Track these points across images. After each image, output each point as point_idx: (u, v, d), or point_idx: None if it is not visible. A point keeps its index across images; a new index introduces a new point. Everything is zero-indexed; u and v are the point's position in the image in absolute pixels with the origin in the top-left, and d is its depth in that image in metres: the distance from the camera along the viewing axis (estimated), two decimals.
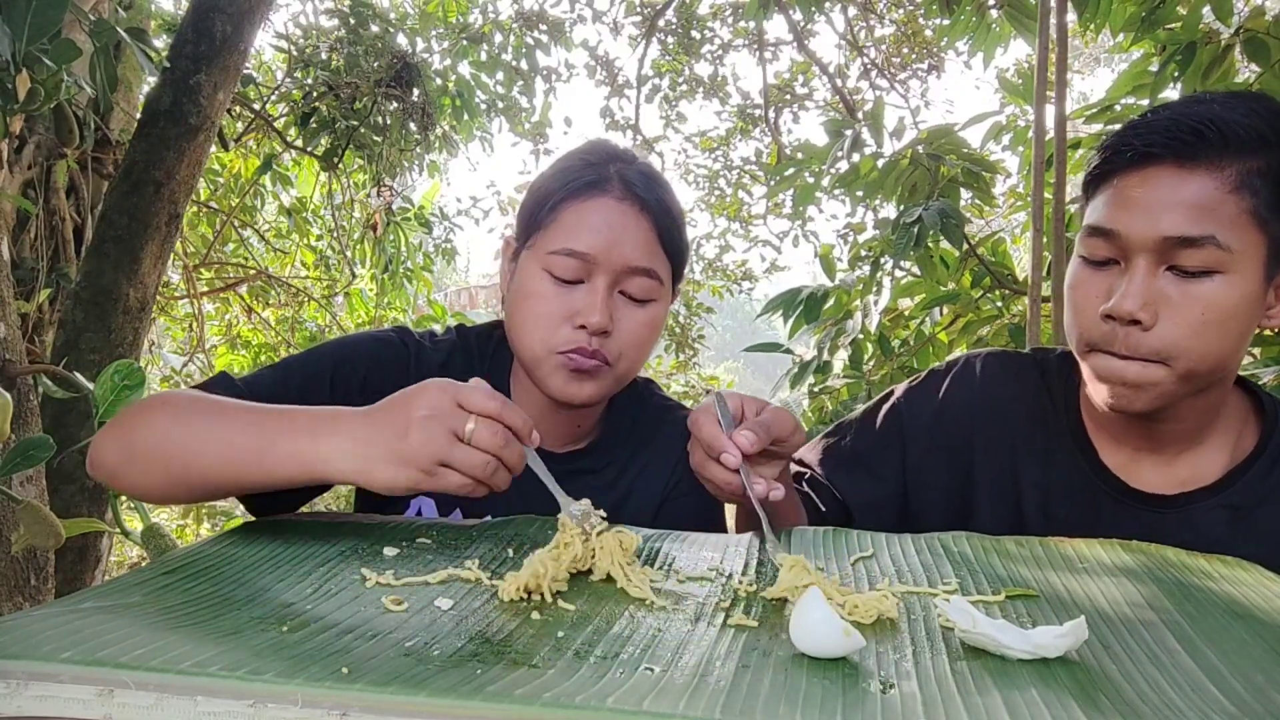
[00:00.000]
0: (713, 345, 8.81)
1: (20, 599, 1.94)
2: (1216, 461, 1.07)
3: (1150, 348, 0.96)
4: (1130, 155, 0.97)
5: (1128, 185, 0.98)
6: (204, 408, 0.95)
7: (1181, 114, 0.96)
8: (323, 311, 5.41)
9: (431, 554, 0.87)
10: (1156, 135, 0.96)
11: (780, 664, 0.62)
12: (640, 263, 1.08)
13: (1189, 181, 0.94)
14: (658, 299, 1.12)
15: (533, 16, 5.39)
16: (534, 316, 1.08)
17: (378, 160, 4.35)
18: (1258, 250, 0.95)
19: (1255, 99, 0.99)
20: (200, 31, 2.70)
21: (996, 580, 0.83)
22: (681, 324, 7.06)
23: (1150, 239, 0.95)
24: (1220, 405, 1.06)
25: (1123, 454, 1.10)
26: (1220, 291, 0.95)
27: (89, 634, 0.60)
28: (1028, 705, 0.56)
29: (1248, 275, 0.95)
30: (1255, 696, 0.59)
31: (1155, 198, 0.95)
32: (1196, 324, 0.95)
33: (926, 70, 6.79)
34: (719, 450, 0.91)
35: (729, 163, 7.58)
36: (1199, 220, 0.93)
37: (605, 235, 1.06)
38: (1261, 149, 0.94)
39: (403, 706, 0.53)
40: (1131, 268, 0.97)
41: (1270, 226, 0.95)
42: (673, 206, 1.12)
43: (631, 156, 1.15)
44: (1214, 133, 0.94)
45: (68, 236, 3.18)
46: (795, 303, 2.60)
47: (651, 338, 1.13)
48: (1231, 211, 0.93)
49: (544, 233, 1.10)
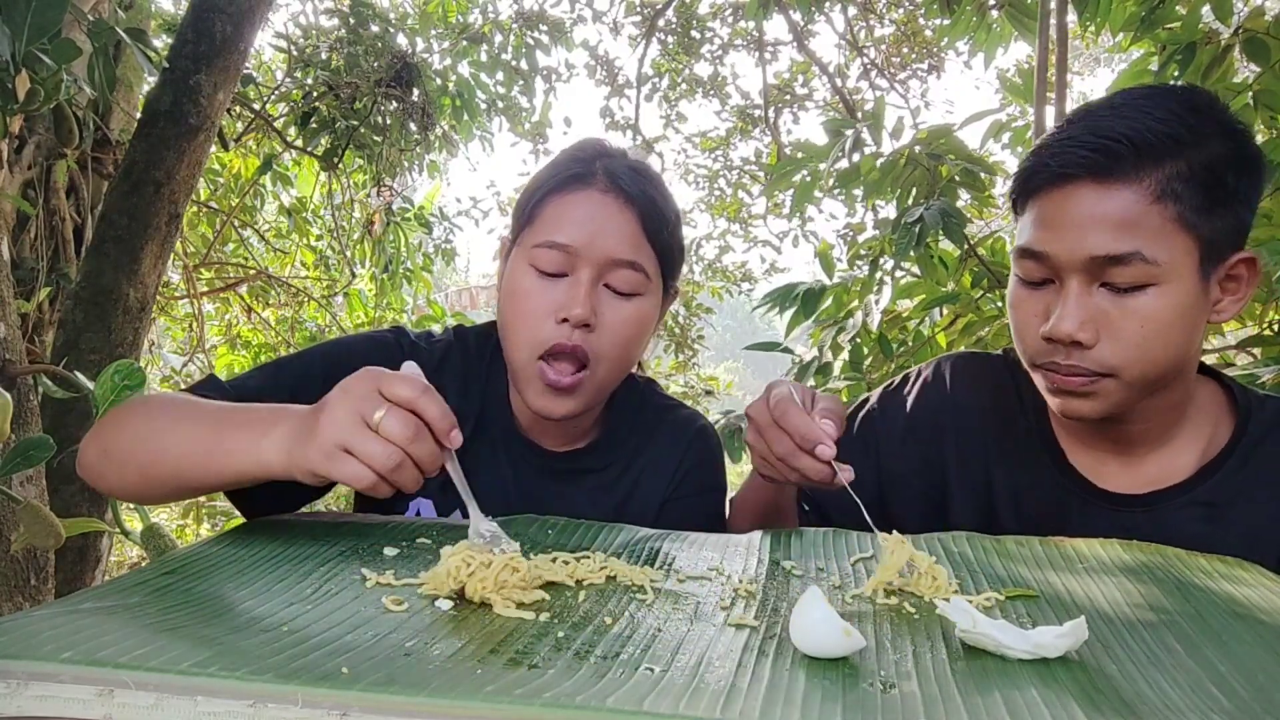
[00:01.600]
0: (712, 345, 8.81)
1: (20, 599, 1.94)
2: (1187, 458, 1.06)
3: (1095, 364, 0.96)
4: (1046, 178, 0.96)
5: (1049, 205, 0.96)
6: (173, 408, 0.95)
7: (1095, 128, 0.94)
8: (322, 311, 5.41)
9: (431, 554, 0.87)
10: (1070, 155, 0.94)
11: (780, 664, 0.62)
12: (623, 255, 1.06)
13: (1109, 198, 0.92)
14: (644, 294, 1.09)
15: (533, 16, 5.39)
16: (518, 314, 1.08)
17: (378, 160, 4.35)
18: (1189, 255, 0.93)
19: (1170, 96, 0.96)
20: (200, 31, 2.70)
21: (996, 580, 0.83)
22: (681, 324, 7.05)
23: (1078, 259, 0.94)
24: (1184, 403, 1.05)
25: (1090, 455, 1.09)
26: (1156, 304, 0.93)
27: (89, 634, 0.60)
28: (1028, 705, 0.56)
29: (1182, 282, 0.93)
30: (1256, 696, 0.59)
31: (1077, 217, 0.94)
32: (1137, 338, 0.94)
33: (926, 70, 6.79)
34: (815, 441, 0.91)
35: (729, 163, 7.58)
36: (1123, 236, 0.92)
37: (587, 227, 1.06)
38: (1178, 151, 0.92)
39: (403, 706, 0.53)
40: (1066, 288, 0.96)
41: (1199, 228, 0.93)
42: (660, 202, 1.10)
43: (621, 153, 1.14)
44: (1127, 146, 0.92)
45: (68, 236, 3.18)
46: (792, 297, 2.60)
47: (637, 335, 1.10)
48: (1156, 223, 0.92)
49: (530, 228, 1.09)
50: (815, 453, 0.91)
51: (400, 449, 0.78)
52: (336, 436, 0.79)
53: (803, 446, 0.92)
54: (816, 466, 0.92)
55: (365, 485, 0.79)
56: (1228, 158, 0.94)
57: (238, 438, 0.87)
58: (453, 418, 0.82)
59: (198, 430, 0.90)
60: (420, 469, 0.81)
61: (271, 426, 0.86)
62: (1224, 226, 0.94)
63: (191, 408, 0.94)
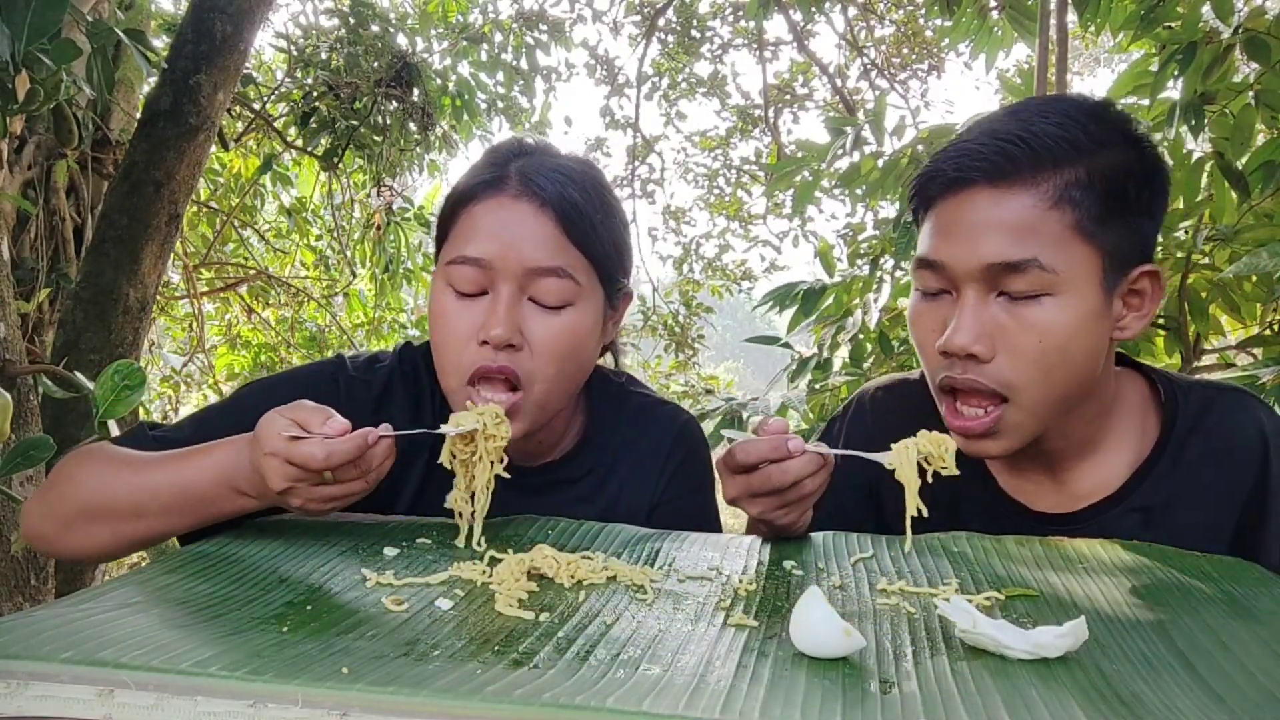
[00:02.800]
0: (712, 345, 8.80)
1: (20, 599, 1.94)
2: (1118, 465, 1.02)
3: (992, 380, 0.92)
4: (943, 183, 0.94)
5: (946, 212, 0.94)
6: (118, 465, 0.96)
7: (992, 132, 0.92)
8: (322, 311, 5.41)
9: (432, 554, 0.87)
10: (967, 158, 0.92)
11: (780, 664, 0.62)
12: (543, 262, 0.98)
13: (1005, 202, 0.90)
14: (576, 302, 1.01)
15: (533, 16, 5.39)
16: (441, 339, 1.01)
17: (378, 160, 4.34)
18: (1090, 265, 0.91)
19: (1070, 103, 0.95)
20: (200, 31, 2.70)
21: (996, 580, 0.83)
22: (681, 324, 7.05)
23: (973, 267, 0.91)
24: (1105, 413, 1.02)
25: (1019, 479, 1.06)
26: (1054, 315, 0.90)
27: (89, 634, 0.60)
28: (1028, 705, 0.56)
29: (1083, 293, 0.91)
30: (1255, 696, 0.59)
31: (973, 222, 0.91)
32: (1035, 353, 0.90)
33: (926, 70, 6.78)
34: (782, 445, 0.88)
35: (729, 162, 7.58)
36: (1020, 242, 0.89)
37: (500, 237, 0.98)
38: (1077, 158, 0.90)
39: (403, 707, 0.53)
40: (962, 299, 0.93)
41: (1099, 238, 0.90)
42: (583, 200, 1.01)
43: (544, 149, 1.06)
44: (1023, 149, 0.90)
45: (68, 236, 3.17)
46: (792, 295, 2.60)
47: (574, 348, 1.01)
48: (1054, 229, 0.89)
49: (445, 244, 1.03)
50: (790, 450, 0.88)
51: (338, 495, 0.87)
52: (280, 494, 0.86)
53: (777, 457, 0.89)
54: (802, 463, 0.88)
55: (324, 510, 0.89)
56: (1129, 168, 0.92)
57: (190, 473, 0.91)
58: (330, 454, 0.84)
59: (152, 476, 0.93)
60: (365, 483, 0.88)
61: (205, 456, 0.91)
62: (1125, 238, 0.92)
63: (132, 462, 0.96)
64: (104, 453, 1.00)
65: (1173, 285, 2.16)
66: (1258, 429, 1.00)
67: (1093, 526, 1.00)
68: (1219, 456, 1.00)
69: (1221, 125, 2.14)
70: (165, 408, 5.24)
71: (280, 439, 0.84)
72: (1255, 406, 1.03)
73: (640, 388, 1.24)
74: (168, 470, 0.92)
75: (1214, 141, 2.16)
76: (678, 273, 7.66)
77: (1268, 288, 2.07)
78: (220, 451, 0.91)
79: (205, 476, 0.90)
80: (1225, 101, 2.16)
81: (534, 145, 1.07)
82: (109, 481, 0.94)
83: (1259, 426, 1.00)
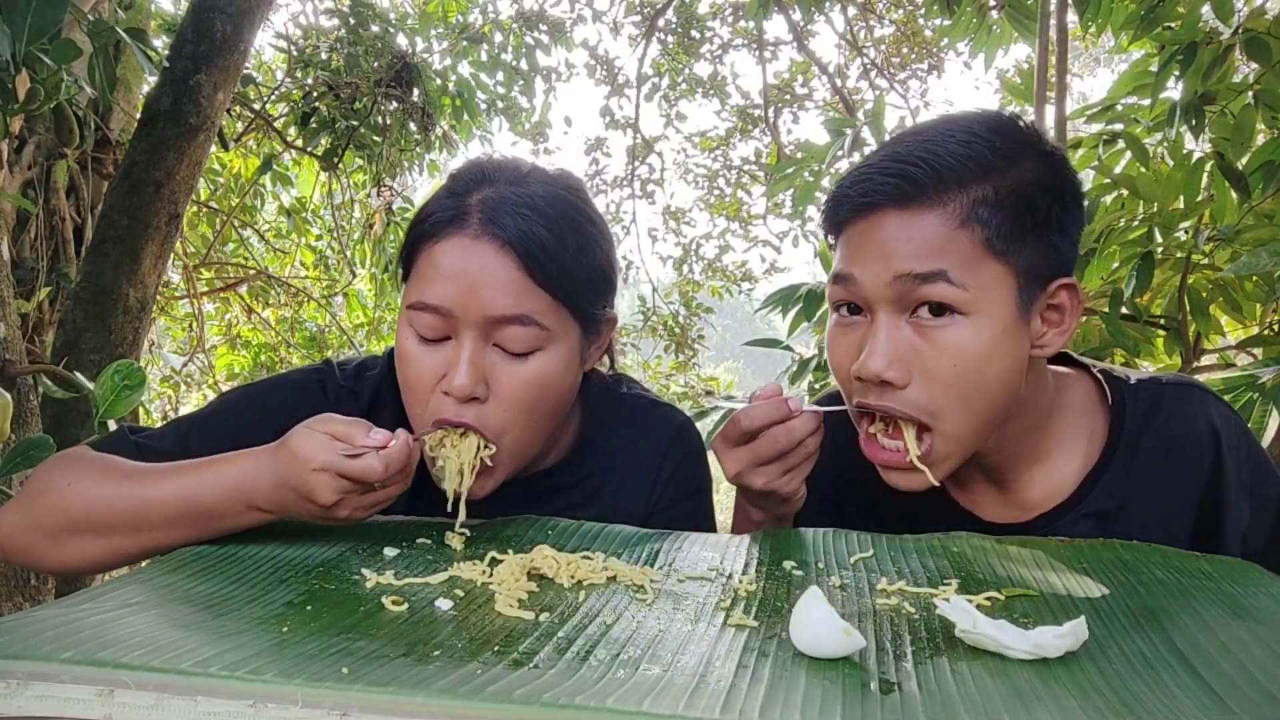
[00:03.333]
0: (712, 345, 8.81)
1: (20, 599, 1.94)
2: (1069, 470, 1.01)
3: (908, 406, 0.90)
4: (850, 208, 0.93)
5: (855, 235, 0.93)
6: (111, 475, 0.93)
7: (895, 155, 0.91)
8: (322, 311, 5.41)
9: (431, 554, 0.87)
10: (872, 183, 0.91)
11: (780, 664, 0.62)
12: (504, 311, 0.93)
13: (913, 223, 0.89)
14: (545, 347, 0.96)
15: (533, 16, 5.39)
16: (405, 382, 0.98)
17: (378, 160, 4.34)
18: (1002, 283, 0.89)
19: (976, 120, 0.93)
20: (200, 31, 2.70)
21: (996, 580, 0.83)
22: (681, 324, 7.06)
23: (884, 281, 0.89)
24: (1042, 423, 1.00)
25: (969, 491, 1.05)
26: (967, 337, 0.88)
27: (89, 634, 0.60)
28: (1027, 705, 0.56)
29: (995, 313, 0.89)
30: (1254, 696, 0.59)
31: (882, 244, 0.90)
32: (950, 376, 0.89)
33: (926, 70, 6.79)
34: (784, 406, 0.91)
35: (728, 162, 7.58)
36: (928, 258, 0.88)
37: (460, 282, 0.93)
38: (983, 176, 0.89)
39: (403, 707, 0.53)
40: (875, 322, 0.91)
41: (1011, 255, 0.89)
42: (549, 236, 0.94)
43: (511, 173, 1.00)
44: (926, 170, 0.88)
45: (68, 236, 3.18)
46: (794, 298, 2.60)
47: (542, 395, 0.97)
48: (963, 247, 0.88)
49: (408, 284, 0.99)
50: (791, 409, 0.90)
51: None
52: (340, 511, 0.86)
53: (781, 417, 0.91)
54: (804, 423, 0.92)
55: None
56: (1039, 182, 0.90)
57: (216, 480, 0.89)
58: (373, 443, 0.85)
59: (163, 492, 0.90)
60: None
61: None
62: (1040, 253, 0.90)
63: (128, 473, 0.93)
64: (89, 460, 0.95)
65: (1173, 285, 2.16)
66: (1207, 423, 0.98)
67: (1049, 533, 0.98)
68: (1171, 454, 0.98)
69: (1222, 125, 2.14)
70: (165, 408, 5.25)
71: (332, 454, 0.83)
72: (1204, 399, 1.01)
73: (636, 389, 1.22)
74: (171, 482, 0.89)
75: (1214, 142, 2.17)
76: (678, 273, 7.67)
77: (1268, 288, 2.07)
78: (232, 466, 0.88)
79: (215, 491, 0.87)
80: (1225, 101, 2.16)
81: (498, 171, 1.00)
82: (103, 492, 0.90)
83: (1209, 420, 0.99)
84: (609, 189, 7.46)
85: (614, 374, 1.21)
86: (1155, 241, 2.14)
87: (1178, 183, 2.15)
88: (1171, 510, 0.98)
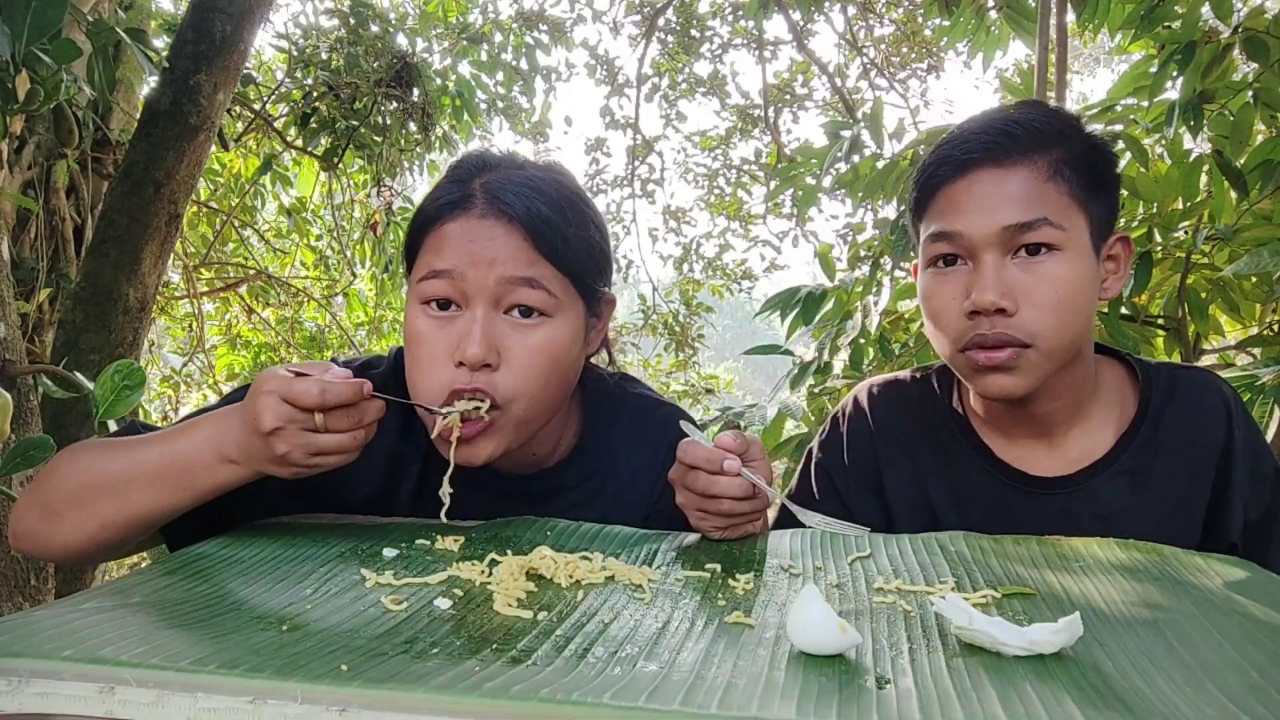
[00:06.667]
0: (713, 345, 8.81)
1: (20, 599, 1.94)
2: (1105, 434, 1.13)
3: (1018, 330, 1.02)
4: (952, 166, 1.05)
5: (954, 193, 1.05)
6: (111, 452, 0.95)
7: (986, 125, 1.06)
8: (322, 311, 5.41)
9: (430, 555, 0.87)
10: (972, 143, 1.05)
11: (777, 661, 0.62)
12: (516, 272, 0.96)
13: (1010, 177, 1.03)
14: (553, 315, 0.99)
15: (533, 16, 5.39)
16: (416, 363, 0.99)
17: (378, 160, 4.35)
18: (1084, 229, 1.04)
19: (1038, 104, 1.11)
20: (200, 31, 2.70)
21: (993, 578, 0.83)
22: (681, 323, 7.06)
23: (991, 232, 1.02)
24: (1088, 380, 1.12)
25: (1016, 446, 1.15)
26: (1064, 269, 1.02)
27: (90, 632, 0.60)
28: (1023, 701, 0.56)
29: (1082, 252, 1.04)
30: (1251, 694, 0.59)
31: (983, 198, 1.03)
32: (1053, 302, 1.02)
33: (926, 70, 6.79)
34: (719, 460, 0.94)
35: (729, 162, 7.58)
36: (1029, 207, 1.02)
37: (470, 250, 0.96)
38: (1062, 141, 1.04)
39: (401, 703, 0.53)
40: (980, 265, 1.03)
41: (1089, 206, 1.04)
42: (552, 212, 0.99)
43: (509, 161, 1.04)
44: (1021, 130, 1.04)
45: (68, 236, 3.18)
46: (793, 302, 2.59)
47: (553, 363, 0.99)
48: (1054, 196, 1.02)
49: (415, 265, 1.02)
50: (724, 468, 0.94)
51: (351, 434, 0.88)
52: (303, 457, 0.87)
53: (710, 469, 0.95)
54: (731, 483, 0.94)
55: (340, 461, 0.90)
56: (1098, 148, 1.08)
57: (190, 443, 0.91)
58: (337, 388, 0.86)
59: (145, 456, 0.92)
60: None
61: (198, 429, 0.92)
62: (1105, 207, 1.06)
63: (126, 445, 0.95)
64: (93, 442, 1.00)
65: (1172, 285, 2.16)
66: (1221, 398, 1.12)
67: (1087, 488, 1.10)
68: (1191, 425, 1.11)
69: (1220, 124, 2.14)
70: (165, 408, 5.25)
71: (279, 377, 0.85)
72: (1216, 380, 1.15)
73: (637, 387, 1.22)
74: (156, 444, 0.93)
75: (1213, 141, 2.17)
76: (678, 272, 7.67)
77: (1267, 287, 2.07)
78: (210, 421, 0.92)
79: (192, 444, 0.91)
80: (1224, 100, 2.16)
81: (498, 158, 1.05)
82: (97, 463, 0.94)
83: (1222, 396, 1.12)
84: (609, 189, 7.47)
85: (615, 373, 1.21)
86: (1154, 241, 2.14)
87: (1176, 182, 2.15)
88: (1191, 476, 1.09)
